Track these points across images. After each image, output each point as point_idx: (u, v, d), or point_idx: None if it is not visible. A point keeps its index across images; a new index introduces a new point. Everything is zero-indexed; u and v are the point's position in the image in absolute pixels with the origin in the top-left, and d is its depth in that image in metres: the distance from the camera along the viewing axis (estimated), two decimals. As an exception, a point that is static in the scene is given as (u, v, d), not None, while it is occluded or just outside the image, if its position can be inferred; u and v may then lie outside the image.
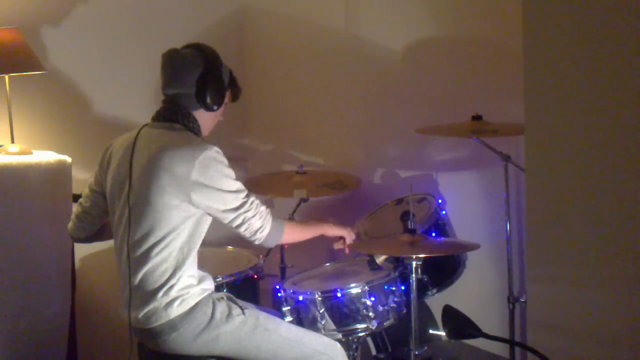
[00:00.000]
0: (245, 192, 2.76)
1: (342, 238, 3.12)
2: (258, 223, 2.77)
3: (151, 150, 2.72)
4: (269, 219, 2.81)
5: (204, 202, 2.68)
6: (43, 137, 3.86)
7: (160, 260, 2.69)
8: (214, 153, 2.70)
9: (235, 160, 4.15)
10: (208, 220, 2.76)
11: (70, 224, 2.98)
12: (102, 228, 3.00)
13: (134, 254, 2.72)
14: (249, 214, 2.74)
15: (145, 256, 2.69)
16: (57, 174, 3.53)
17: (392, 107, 3.93)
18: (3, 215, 3.41)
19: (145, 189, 2.69)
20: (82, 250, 3.87)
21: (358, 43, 4.00)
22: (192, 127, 2.78)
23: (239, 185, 2.74)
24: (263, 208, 2.80)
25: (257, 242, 2.82)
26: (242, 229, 2.75)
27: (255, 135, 4.52)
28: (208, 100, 2.78)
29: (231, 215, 2.72)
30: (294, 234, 2.94)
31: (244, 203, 2.73)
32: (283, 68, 4.41)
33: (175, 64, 2.77)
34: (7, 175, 3.42)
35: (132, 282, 2.72)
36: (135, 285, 2.71)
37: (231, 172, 2.73)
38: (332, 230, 3.08)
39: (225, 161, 2.73)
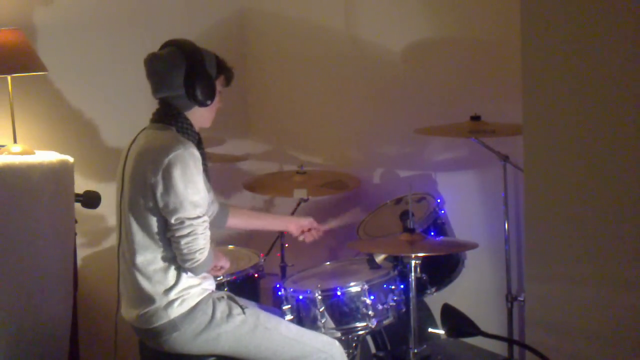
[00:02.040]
0: (203, 209, 2.70)
1: None
2: (202, 243, 2.67)
3: (135, 152, 2.74)
4: (208, 245, 2.72)
5: (161, 199, 2.64)
6: (45, 137, 3.87)
7: (156, 264, 2.71)
8: (188, 154, 2.65)
9: (236, 160, 4.18)
10: None
11: None
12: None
13: (130, 256, 2.74)
14: (199, 229, 2.66)
15: (140, 258, 2.71)
16: (60, 174, 3.53)
17: (391, 108, 3.94)
18: (5, 215, 3.42)
19: (130, 191, 2.71)
20: (84, 249, 3.89)
21: (358, 44, 4.01)
22: (181, 127, 2.76)
23: (200, 198, 2.68)
24: (209, 232, 2.73)
25: (189, 265, 2.69)
26: (183, 242, 2.65)
27: (255, 135, 4.53)
28: (199, 97, 2.75)
29: (181, 224, 2.65)
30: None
31: (198, 217, 2.67)
32: (283, 69, 4.42)
33: (157, 69, 2.76)
34: (10, 175, 3.42)
35: (131, 284, 2.74)
36: (134, 287, 2.73)
37: (199, 181, 2.68)
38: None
39: (197, 167, 2.68)
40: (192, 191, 2.65)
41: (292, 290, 3.12)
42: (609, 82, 2.04)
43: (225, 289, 3.16)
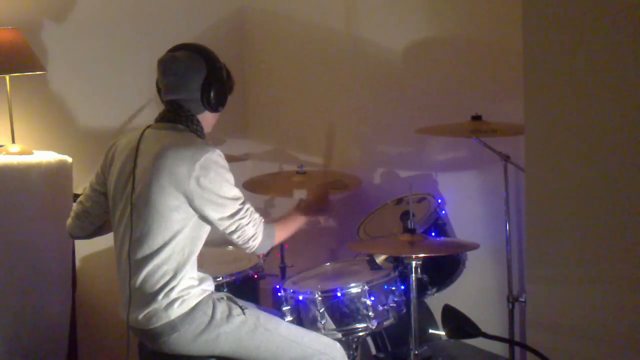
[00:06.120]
0: (242, 199, 2.75)
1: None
2: (251, 231, 2.76)
3: (155, 151, 2.71)
4: (262, 227, 2.80)
5: (201, 205, 2.68)
6: (44, 137, 3.86)
7: (161, 262, 2.69)
8: (216, 156, 2.69)
9: (235, 160, 4.17)
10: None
11: (69, 222, 2.96)
12: (102, 224, 2.98)
13: (135, 255, 2.72)
14: (244, 221, 2.74)
15: (146, 257, 2.70)
16: (58, 174, 3.53)
17: (392, 107, 3.94)
18: (4, 215, 3.42)
19: (147, 189, 2.69)
20: (82, 249, 3.88)
21: (358, 43, 4.01)
22: (196, 130, 2.78)
23: (236, 191, 2.74)
24: (257, 216, 2.80)
25: (249, 250, 2.82)
26: (235, 236, 2.75)
27: (255, 135, 4.53)
28: (214, 102, 2.79)
29: (226, 222, 2.72)
30: (283, 235, 2.94)
31: (240, 210, 2.73)
32: (283, 68, 4.42)
33: (177, 70, 2.76)
34: (8, 175, 3.42)
35: (133, 284, 2.72)
36: (136, 286, 2.71)
37: (231, 178, 2.73)
38: (309, 211, 3.07)
39: (226, 165, 2.73)
40: (227, 189, 2.70)
41: (292, 291, 3.11)
42: (610, 81, 2.04)
43: (225, 290, 3.15)
